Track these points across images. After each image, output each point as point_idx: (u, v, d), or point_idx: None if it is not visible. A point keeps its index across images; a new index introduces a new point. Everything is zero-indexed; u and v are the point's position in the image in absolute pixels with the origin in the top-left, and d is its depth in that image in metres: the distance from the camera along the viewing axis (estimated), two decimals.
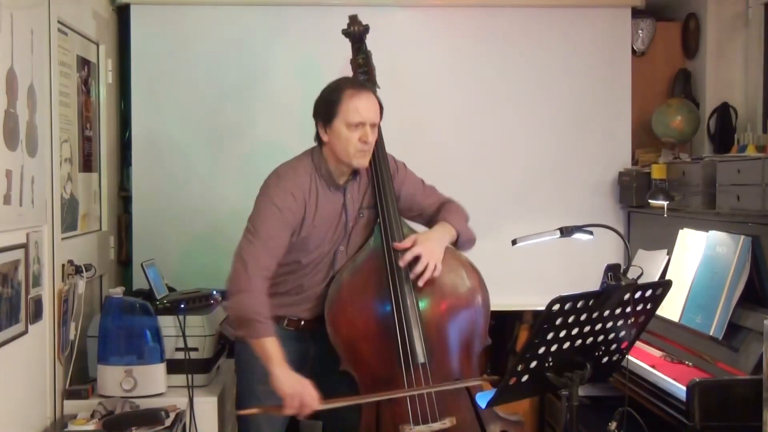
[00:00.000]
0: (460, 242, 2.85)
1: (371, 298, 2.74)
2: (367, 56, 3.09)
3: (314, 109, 2.79)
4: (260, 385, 2.83)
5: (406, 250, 2.72)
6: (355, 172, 2.80)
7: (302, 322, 2.83)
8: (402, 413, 2.61)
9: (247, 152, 3.93)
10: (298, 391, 2.52)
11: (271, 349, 2.57)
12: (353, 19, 3.11)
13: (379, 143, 2.82)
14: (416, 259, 2.70)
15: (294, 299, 2.80)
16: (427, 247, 2.72)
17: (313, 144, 2.84)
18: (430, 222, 2.93)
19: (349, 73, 3.13)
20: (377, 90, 3.05)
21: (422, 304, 2.72)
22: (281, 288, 2.79)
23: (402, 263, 2.70)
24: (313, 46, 3.91)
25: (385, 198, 2.81)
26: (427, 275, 2.69)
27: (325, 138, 2.73)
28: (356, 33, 3.09)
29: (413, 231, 2.85)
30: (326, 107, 2.73)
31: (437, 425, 2.61)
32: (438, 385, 2.65)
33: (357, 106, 2.67)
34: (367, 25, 3.10)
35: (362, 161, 2.73)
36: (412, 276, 2.70)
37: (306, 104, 3.87)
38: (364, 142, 2.68)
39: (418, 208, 2.94)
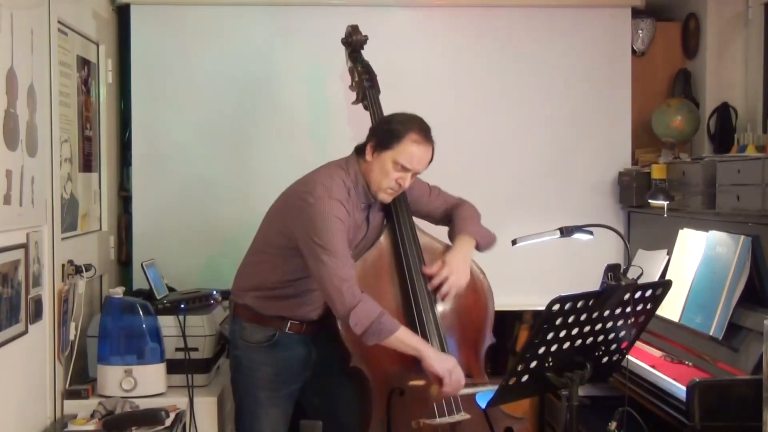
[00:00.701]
0: (480, 247, 2.91)
1: (384, 295, 2.78)
2: (366, 65, 3.10)
3: (374, 128, 2.80)
4: (265, 392, 2.84)
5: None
6: None
7: (304, 326, 2.83)
8: (420, 407, 2.65)
9: (247, 152, 3.94)
10: (453, 367, 2.57)
11: (411, 336, 2.61)
12: (355, 29, 3.11)
13: None
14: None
15: (301, 301, 2.80)
16: (453, 267, 2.78)
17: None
18: (439, 222, 3.00)
19: (348, 79, 3.13)
20: (379, 95, 3.07)
21: (438, 303, 2.80)
22: (289, 291, 2.79)
23: (431, 287, 2.77)
24: (315, 47, 3.90)
25: (401, 209, 2.86)
26: (452, 294, 2.78)
27: (369, 158, 2.73)
28: (357, 42, 3.10)
29: (423, 232, 2.91)
30: (386, 135, 2.71)
31: (460, 416, 2.67)
32: (479, 382, 2.74)
33: (413, 153, 2.68)
34: (366, 36, 3.11)
35: (386, 198, 2.77)
36: (437, 294, 2.78)
37: (306, 105, 3.94)
38: (399, 184, 2.72)
39: (425, 210, 3.00)
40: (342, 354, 2.72)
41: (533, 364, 2.22)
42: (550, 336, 2.17)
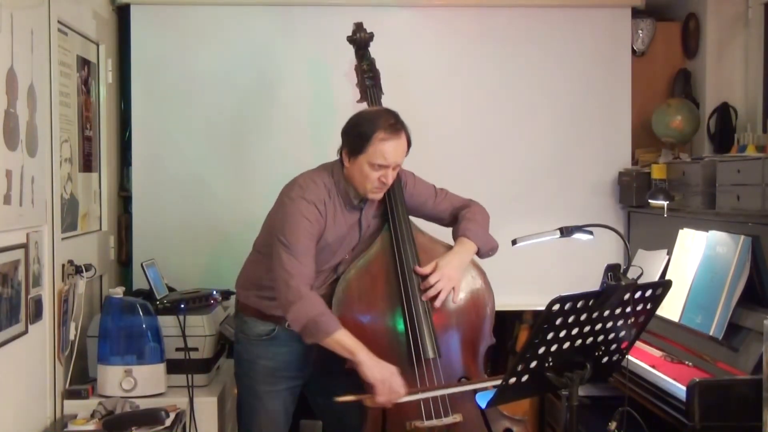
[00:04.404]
0: (481, 254, 2.87)
1: (379, 296, 2.78)
2: (371, 63, 3.10)
3: (344, 131, 2.77)
4: (262, 386, 2.85)
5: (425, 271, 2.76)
6: None
7: None
8: (411, 409, 2.63)
9: (247, 152, 3.94)
10: (387, 376, 2.53)
11: (348, 339, 2.57)
12: (359, 26, 3.11)
13: None
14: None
15: None
16: (447, 272, 2.75)
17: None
18: (449, 225, 2.97)
19: (354, 78, 3.13)
20: (382, 96, 3.06)
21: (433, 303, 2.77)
22: None
23: (423, 288, 2.74)
24: (316, 47, 3.91)
25: (397, 210, 2.84)
26: (443, 297, 2.74)
27: (346, 164, 2.74)
28: (362, 40, 3.10)
29: (423, 233, 2.89)
30: (355, 140, 2.70)
31: (449, 419, 2.65)
32: (462, 383, 2.71)
33: (385, 151, 2.66)
34: (372, 33, 3.11)
35: (377, 195, 2.77)
36: (425, 297, 2.74)
37: (307, 105, 3.94)
38: (383, 182, 2.71)
39: (430, 215, 2.98)
40: (336, 356, 2.71)
41: (533, 364, 2.22)
42: (550, 336, 2.16)
